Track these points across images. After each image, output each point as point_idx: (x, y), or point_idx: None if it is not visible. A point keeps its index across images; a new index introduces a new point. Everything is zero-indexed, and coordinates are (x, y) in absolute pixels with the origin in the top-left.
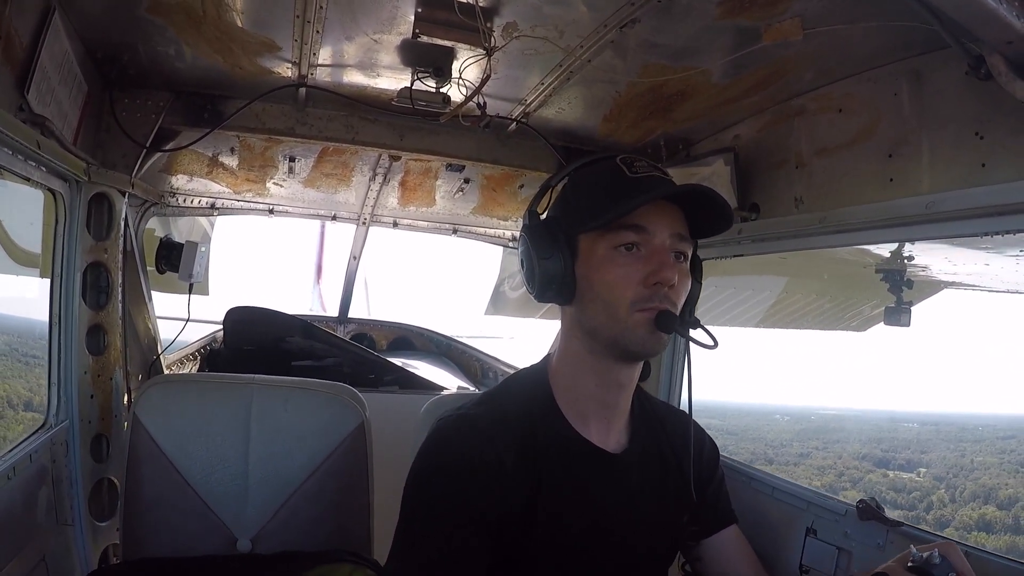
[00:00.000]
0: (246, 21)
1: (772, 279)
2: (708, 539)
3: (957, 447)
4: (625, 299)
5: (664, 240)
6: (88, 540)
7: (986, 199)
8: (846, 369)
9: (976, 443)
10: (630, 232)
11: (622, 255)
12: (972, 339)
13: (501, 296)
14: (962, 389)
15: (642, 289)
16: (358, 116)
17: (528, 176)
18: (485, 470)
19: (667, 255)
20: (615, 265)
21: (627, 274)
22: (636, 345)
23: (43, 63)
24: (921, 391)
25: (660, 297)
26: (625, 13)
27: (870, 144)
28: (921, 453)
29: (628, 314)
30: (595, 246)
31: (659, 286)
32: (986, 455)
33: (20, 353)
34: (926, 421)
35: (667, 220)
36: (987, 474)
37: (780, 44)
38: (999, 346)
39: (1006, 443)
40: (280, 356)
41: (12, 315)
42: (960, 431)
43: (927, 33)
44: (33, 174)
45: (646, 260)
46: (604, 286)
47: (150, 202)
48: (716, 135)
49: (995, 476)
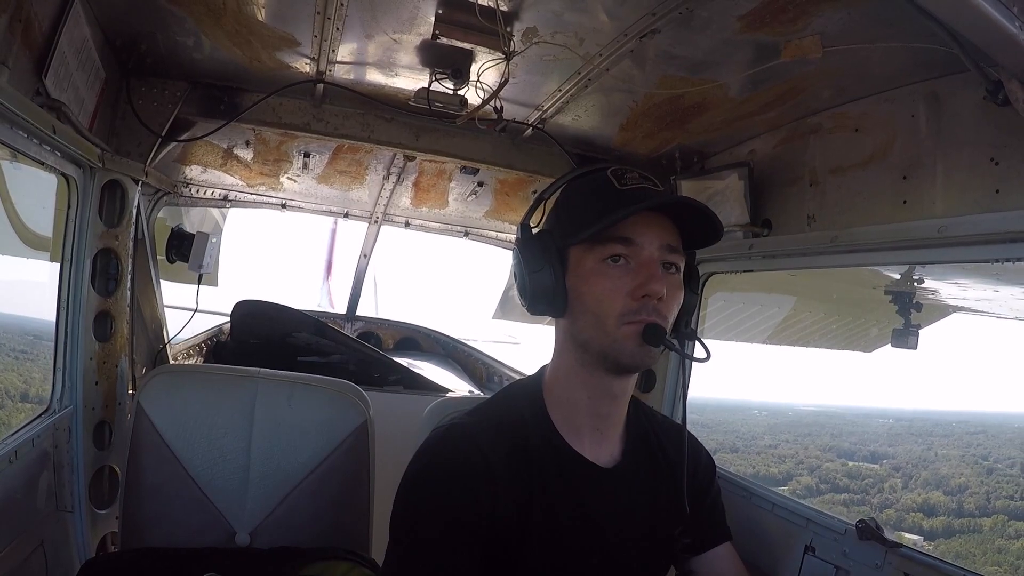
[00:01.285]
0: (266, 15)
1: (780, 296)
2: (701, 555)
3: (925, 441)
4: (613, 312)
5: (652, 252)
6: (87, 527)
7: (999, 225)
8: (838, 369)
9: (945, 437)
10: (618, 244)
11: (610, 267)
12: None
13: (510, 301)
14: (947, 388)
15: (630, 301)
16: (374, 114)
17: (542, 182)
18: (475, 479)
19: (655, 267)
20: (603, 277)
21: (615, 287)
22: (625, 358)
23: (62, 48)
24: (907, 390)
25: (648, 310)
26: (645, 23)
27: (885, 165)
28: (888, 446)
29: (616, 327)
30: (584, 259)
31: (647, 299)
32: (952, 448)
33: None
34: (902, 418)
35: (656, 232)
36: (946, 465)
37: (799, 61)
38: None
39: (973, 438)
40: (286, 351)
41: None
42: (933, 426)
43: (946, 56)
44: (48, 158)
45: (634, 272)
46: (593, 299)
47: (163, 191)
48: (731, 149)
49: (953, 467)
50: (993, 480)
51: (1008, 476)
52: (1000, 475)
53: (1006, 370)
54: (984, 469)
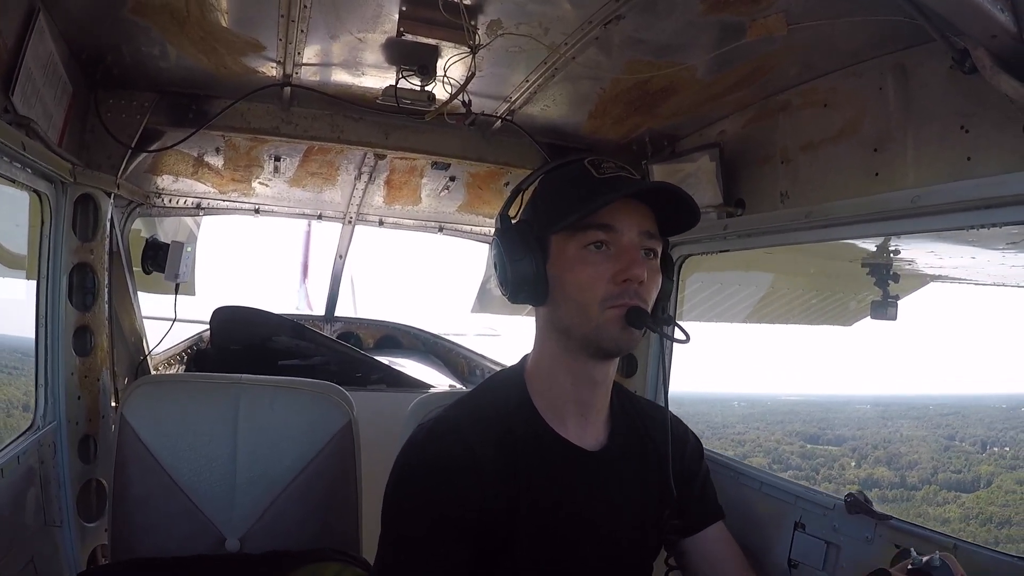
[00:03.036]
0: (230, 21)
1: (758, 274)
2: (694, 536)
3: (895, 424)
4: (596, 297)
5: (632, 238)
6: (76, 541)
7: (972, 192)
8: (825, 358)
9: (916, 420)
10: (599, 231)
11: (592, 254)
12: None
13: (487, 294)
14: (933, 371)
15: (612, 287)
16: (343, 115)
17: (514, 173)
18: (462, 470)
19: (636, 252)
20: (585, 264)
21: (597, 272)
22: (608, 342)
23: (28, 64)
24: (893, 375)
25: (630, 294)
26: (609, 9)
27: (855, 139)
28: (857, 430)
29: (599, 312)
30: (565, 246)
31: (629, 283)
32: (920, 430)
33: None
34: (880, 403)
35: (635, 218)
36: (906, 445)
37: (764, 39)
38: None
39: (944, 419)
40: (267, 355)
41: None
42: (907, 410)
43: (911, 27)
44: (18, 175)
45: (615, 258)
46: (575, 285)
47: (136, 203)
48: (701, 131)
49: (912, 447)
50: (946, 456)
51: (963, 452)
52: (955, 451)
53: (992, 346)
54: (942, 447)
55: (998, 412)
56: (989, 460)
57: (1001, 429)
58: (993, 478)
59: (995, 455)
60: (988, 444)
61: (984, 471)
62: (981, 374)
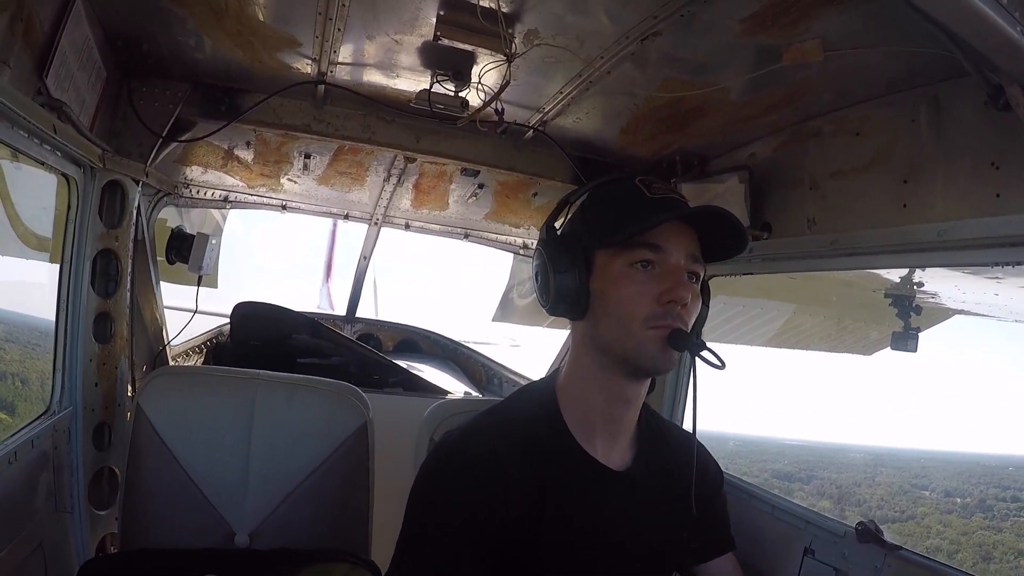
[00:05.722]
0: (268, 16)
1: (780, 299)
2: (704, 564)
3: (874, 470)
4: (639, 315)
5: (680, 260)
6: (86, 528)
7: (1000, 229)
8: (838, 405)
9: (899, 470)
10: (647, 250)
11: (638, 272)
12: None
13: (510, 303)
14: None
15: (656, 306)
16: (375, 116)
17: (542, 184)
18: (487, 479)
19: (682, 274)
20: (631, 281)
21: (642, 291)
22: (647, 360)
23: (63, 48)
24: (904, 427)
25: (673, 315)
26: (647, 26)
27: (885, 169)
28: (835, 473)
29: (641, 330)
30: (611, 262)
31: (673, 304)
32: (895, 477)
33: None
34: (881, 453)
35: (683, 240)
36: (870, 489)
37: (800, 65)
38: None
39: (925, 470)
40: (286, 353)
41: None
42: (905, 463)
43: (947, 60)
44: (48, 158)
45: (661, 278)
46: (618, 302)
47: (163, 192)
48: (731, 152)
49: (874, 490)
50: (902, 500)
51: (918, 497)
52: (911, 496)
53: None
54: (902, 491)
55: (986, 468)
56: (938, 505)
57: (975, 483)
58: (925, 517)
59: (949, 502)
60: (951, 493)
61: (921, 511)
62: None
